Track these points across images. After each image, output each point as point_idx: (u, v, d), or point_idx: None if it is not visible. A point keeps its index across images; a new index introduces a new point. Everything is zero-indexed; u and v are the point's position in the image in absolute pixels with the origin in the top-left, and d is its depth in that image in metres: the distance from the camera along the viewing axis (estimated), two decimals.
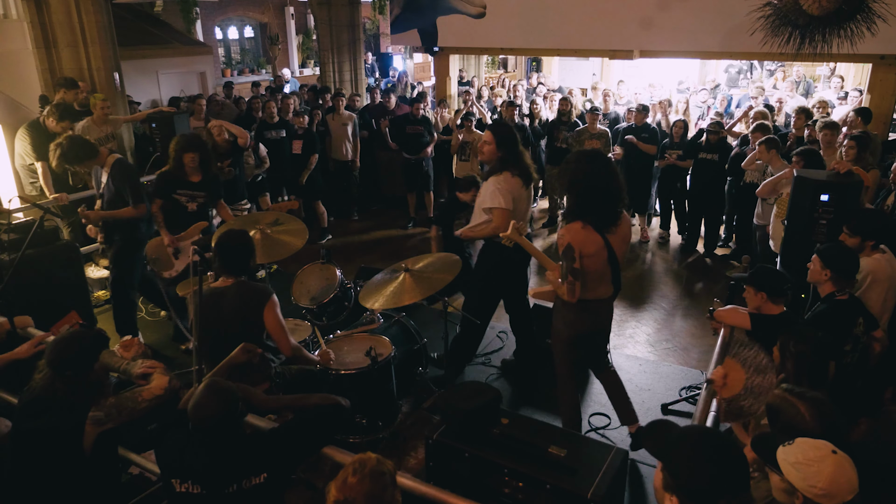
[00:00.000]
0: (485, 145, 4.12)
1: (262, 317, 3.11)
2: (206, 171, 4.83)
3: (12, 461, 2.41)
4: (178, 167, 4.71)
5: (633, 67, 11.27)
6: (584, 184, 3.27)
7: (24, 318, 3.46)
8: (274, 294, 3.19)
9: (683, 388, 4.56)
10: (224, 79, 13.97)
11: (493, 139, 4.07)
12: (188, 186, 4.78)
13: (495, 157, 4.09)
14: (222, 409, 2.18)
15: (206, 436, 2.20)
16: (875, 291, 3.41)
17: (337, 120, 7.96)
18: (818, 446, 1.81)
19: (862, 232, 3.46)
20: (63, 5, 6.48)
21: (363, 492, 1.80)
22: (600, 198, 3.28)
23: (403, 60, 17.55)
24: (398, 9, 9.40)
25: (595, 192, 3.27)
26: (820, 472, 1.76)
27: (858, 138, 5.06)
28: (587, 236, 3.28)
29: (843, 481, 1.76)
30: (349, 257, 6.96)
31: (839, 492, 1.75)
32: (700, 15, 7.19)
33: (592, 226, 3.29)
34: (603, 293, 3.48)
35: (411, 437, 3.96)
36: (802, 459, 1.80)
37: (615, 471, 2.70)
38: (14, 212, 5.12)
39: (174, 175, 4.75)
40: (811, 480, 1.76)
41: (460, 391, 3.08)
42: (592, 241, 3.29)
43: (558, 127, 7.87)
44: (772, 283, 3.22)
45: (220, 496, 2.19)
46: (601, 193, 3.27)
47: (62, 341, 2.44)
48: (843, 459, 1.79)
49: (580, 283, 3.29)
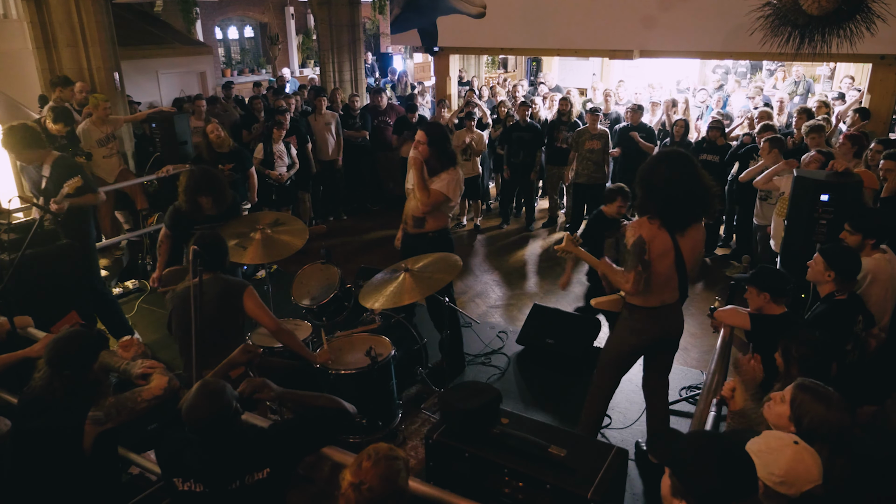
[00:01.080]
0: (419, 144, 4.24)
1: (242, 304, 3.29)
2: (222, 203, 4.42)
3: (12, 461, 2.41)
4: (194, 208, 4.35)
5: (633, 67, 11.27)
6: (664, 185, 3.08)
7: (24, 318, 3.46)
8: (250, 286, 3.37)
9: (683, 388, 4.56)
10: (224, 79, 13.97)
11: (427, 138, 4.22)
12: (206, 220, 4.39)
13: (429, 154, 4.24)
14: (215, 410, 2.17)
15: (201, 436, 2.19)
16: (875, 291, 3.41)
17: (319, 120, 7.95)
18: (780, 437, 1.85)
19: (863, 230, 3.46)
20: (63, 5, 6.48)
21: (378, 474, 1.87)
22: (677, 199, 3.09)
23: (403, 60, 17.55)
24: (398, 9, 9.40)
25: (672, 194, 3.08)
26: (777, 460, 1.80)
27: (853, 137, 5.07)
28: (657, 234, 3.13)
29: (801, 469, 1.78)
30: (349, 257, 6.96)
31: (797, 480, 1.77)
32: (700, 15, 7.19)
33: (663, 225, 3.13)
34: (668, 298, 3.31)
35: (411, 436, 3.97)
36: (764, 448, 1.84)
37: (615, 471, 2.70)
38: (14, 212, 5.11)
39: (190, 214, 4.37)
40: (770, 468, 1.79)
41: (460, 391, 3.08)
42: (661, 241, 3.14)
43: (558, 127, 7.87)
44: (775, 284, 3.21)
45: (222, 493, 2.19)
46: (679, 196, 3.08)
47: (62, 340, 2.44)
48: (803, 450, 1.82)
49: (645, 281, 3.16)
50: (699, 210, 3.16)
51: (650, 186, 3.12)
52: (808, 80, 10.26)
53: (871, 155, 5.12)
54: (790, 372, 2.62)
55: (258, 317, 3.33)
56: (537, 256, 7.41)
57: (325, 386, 3.73)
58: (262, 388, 2.51)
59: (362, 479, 1.86)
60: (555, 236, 8.00)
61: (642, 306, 3.32)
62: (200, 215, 4.37)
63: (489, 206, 9.05)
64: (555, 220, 8.38)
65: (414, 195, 4.33)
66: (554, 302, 5.98)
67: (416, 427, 4.08)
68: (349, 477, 1.89)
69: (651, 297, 3.27)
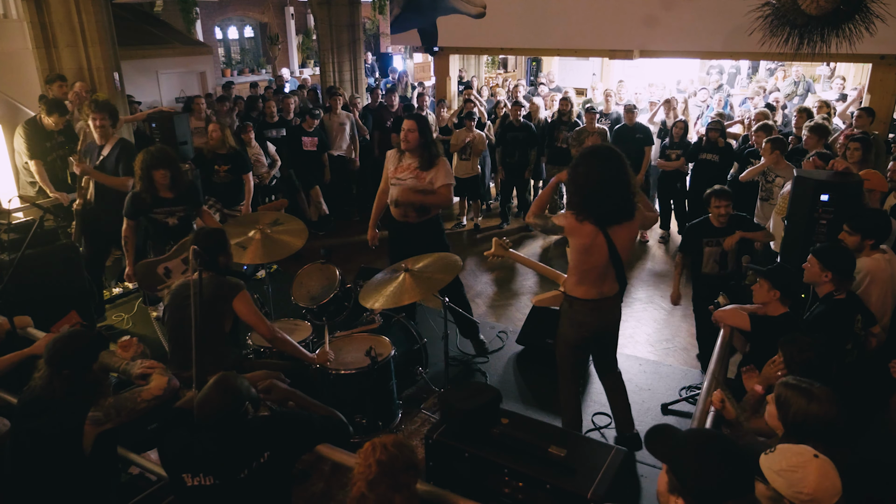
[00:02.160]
0: (408, 133, 4.42)
1: (232, 306, 3.19)
2: (178, 184, 4.53)
3: (12, 461, 2.41)
4: (149, 186, 4.43)
5: (633, 67, 11.28)
6: (585, 181, 3.22)
7: (23, 318, 3.46)
8: (245, 288, 3.28)
9: (683, 388, 4.56)
10: (224, 79, 13.98)
11: (416, 126, 4.42)
12: (164, 203, 4.52)
13: (418, 143, 4.44)
14: (226, 405, 2.20)
15: (211, 430, 2.22)
16: (875, 291, 3.40)
17: (334, 120, 7.95)
18: (800, 452, 1.84)
19: (862, 230, 3.46)
20: (63, 5, 6.47)
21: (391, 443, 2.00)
22: (600, 194, 3.20)
23: (403, 60, 17.55)
24: (398, 9, 9.40)
25: (595, 189, 3.20)
26: (805, 478, 1.78)
27: (862, 140, 5.02)
28: (577, 228, 3.27)
29: (828, 485, 1.78)
30: (349, 257, 6.95)
31: (825, 495, 1.77)
32: (700, 15, 7.19)
33: (590, 220, 3.23)
34: (608, 291, 3.46)
35: (411, 436, 3.96)
36: (786, 466, 1.82)
37: (615, 471, 2.70)
38: (14, 212, 5.11)
39: (146, 195, 4.46)
40: (797, 487, 1.78)
41: (460, 391, 3.08)
42: (582, 234, 3.27)
43: (558, 127, 7.87)
44: (789, 285, 3.24)
45: (232, 483, 2.22)
46: (601, 190, 3.19)
47: (61, 340, 2.45)
48: (825, 463, 1.81)
49: (584, 274, 3.36)
50: (624, 205, 3.25)
51: (574, 183, 3.27)
52: (808, 80, 10.27)
53: (849, 153, 5.05)
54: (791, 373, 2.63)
55: (252, 323, 3.26)
56: (537, 256, 7.41)
57: (325, 386, 3.73)
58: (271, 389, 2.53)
59: (379, 455, 1.96)
60: (553, 238, 8.00)
61: (583, 298, 3.42)
62: (157, 196, 4.49)
63: (489, 206, 9.06)
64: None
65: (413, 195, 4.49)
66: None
67: (416, 427, 4.08)
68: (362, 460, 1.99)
69: (591, 289, 3.39)
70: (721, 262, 4.53)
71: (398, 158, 4.59)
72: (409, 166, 4.52)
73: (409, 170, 4.52)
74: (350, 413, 3.41)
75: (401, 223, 4.65)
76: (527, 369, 4.87)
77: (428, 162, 4.46)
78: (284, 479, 2.35)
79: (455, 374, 4.67)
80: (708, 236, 4.55)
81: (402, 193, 4.51)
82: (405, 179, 4.52)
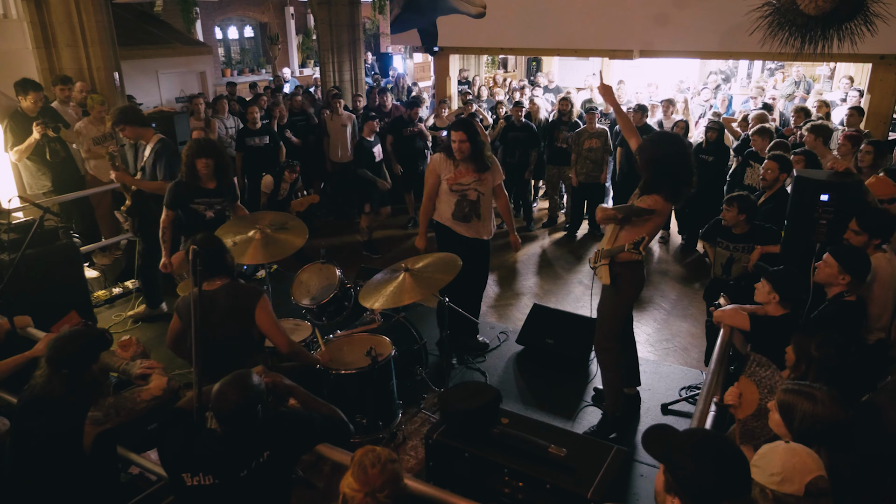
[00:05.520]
0: (461, 144, 4.40)
1: (254, 316, 3.06)
2: (222, 176, 4.52)
3: (12, 461, 2.41)
4: (192, 175, 4.41)
5: (633, 67, 11.26)
6: (662, 162, 3.59)
7: (23, 318, 3.46)
8: (265, 294, 3.15)
9: (683, 388, 4.56)
10: (224, 79, 13.98)
11: (466, 135, 4.40)
12: (204, 194, 4.48)
13: (470, 151, 4.44)
14: (240, 400, 2.20)
15: (221, 425, 2.23)
16: (877, 290, 3.39)
17: (336, 121, 7.94)
18: (772, 443, 1.87)
19: (869, 229, 3.43)
20: (63, 5, 6.48)
21: (387, 480, 1.89)
22: (674, 175, 3.60)
23: (403, 60, 17.55)
24: (398, 9, 9.40)
25: (670, 170, 3.59)
26: (771, 460, 1.82)
27: (876, 143, 4.96)
28: (666, 206, 3.68)
29: (797, 461, 1.80)
30: (349, 257, 6.96)
31: (795, 473, 1.79)
32: (700, 15, 7.18)
33: (669, 200, 3.66)
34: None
35: (411, 436, 3.96)
36: (758, 456, 1.86)
37: (615, 471, 2.70)
38: (14, 211, 5.12)
39: (189, 183, 4.44)
40: (767, 470, 1.82)
41: (460, 391, 3.08)
42: (668, 210, 3.76)
43: (559, 127, 7.87)
44: (790, 290, 3.23)
45: (232, 483, 2.22)
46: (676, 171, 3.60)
47: (62, 339, 2.44)
48: (795, 446, 1.85)
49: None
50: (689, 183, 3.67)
51: (652, 160, 3.62)
52: (808, 80, 10.26)
53: (860, 156, 5.05)
54: (799, 368, 2.62)
55: (270, 333, 3.10)
56: (537, 256, 7.40)
57: (325, 386, 3.73)
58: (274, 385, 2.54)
59: (375, 487, 1.86)
60: (555, 236, 8.00)
61: (640, 261, 3.80)
62: (200, 186, 4.46)
63: None
64: (555, 220, 8.37)
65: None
66: (554, 302, 5.98)
67: (416, 427, 4.08)
68: (357, 486, 1.87)
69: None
70: (726, 268, 4.53)
71: (452, 165, 4.52)
72: (468, 170, 4.50)
73: (470, 174, 4.51)
74: (350, 413, 3.40)
75: (471, 239, 4.65)
76: (527, 369, 4.87)
77: (484, 164, 4.50)
78: (284, 478, 2.35)
79: (455, 374, 4.67)
80: (722, 236, 4.57)
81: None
82: (468, 184, 4.52)
